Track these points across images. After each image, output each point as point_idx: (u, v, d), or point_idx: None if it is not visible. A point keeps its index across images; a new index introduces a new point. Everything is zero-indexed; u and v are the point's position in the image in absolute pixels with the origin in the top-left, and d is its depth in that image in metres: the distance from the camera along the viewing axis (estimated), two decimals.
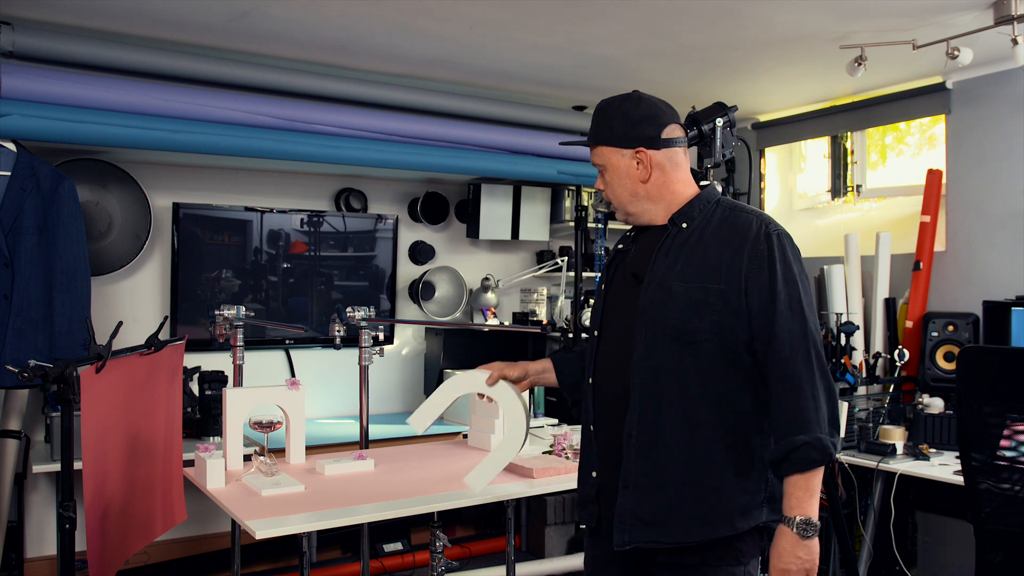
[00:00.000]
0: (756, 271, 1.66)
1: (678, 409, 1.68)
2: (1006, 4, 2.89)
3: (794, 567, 1.60)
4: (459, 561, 4.05)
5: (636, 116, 1.77)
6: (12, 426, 3.29)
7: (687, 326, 1.67)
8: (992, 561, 2.24)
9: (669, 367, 1.69)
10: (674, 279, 1.70)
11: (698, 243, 1.73)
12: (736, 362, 1.68)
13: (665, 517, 1.68)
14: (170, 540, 3.71)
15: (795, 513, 1.61)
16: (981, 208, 3.76)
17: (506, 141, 4.15)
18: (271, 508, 2.16)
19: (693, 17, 3.08)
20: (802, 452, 1.58)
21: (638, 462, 1.70)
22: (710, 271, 1.68)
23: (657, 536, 1.68)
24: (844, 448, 3.47)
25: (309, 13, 3.04)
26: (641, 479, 1.69)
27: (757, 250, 1.67)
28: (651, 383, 1.70)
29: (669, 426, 1.68)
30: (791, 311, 1.64)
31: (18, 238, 3.08)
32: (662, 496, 1.68)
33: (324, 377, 4.27)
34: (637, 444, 1.70)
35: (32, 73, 3.08)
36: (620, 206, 1.82)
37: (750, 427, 1.71)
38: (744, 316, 1.66)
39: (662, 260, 1.74)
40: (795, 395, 1.61)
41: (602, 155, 1.80)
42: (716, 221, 1.74)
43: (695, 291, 1.68)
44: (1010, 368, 2.25)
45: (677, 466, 1.68)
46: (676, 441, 1.68)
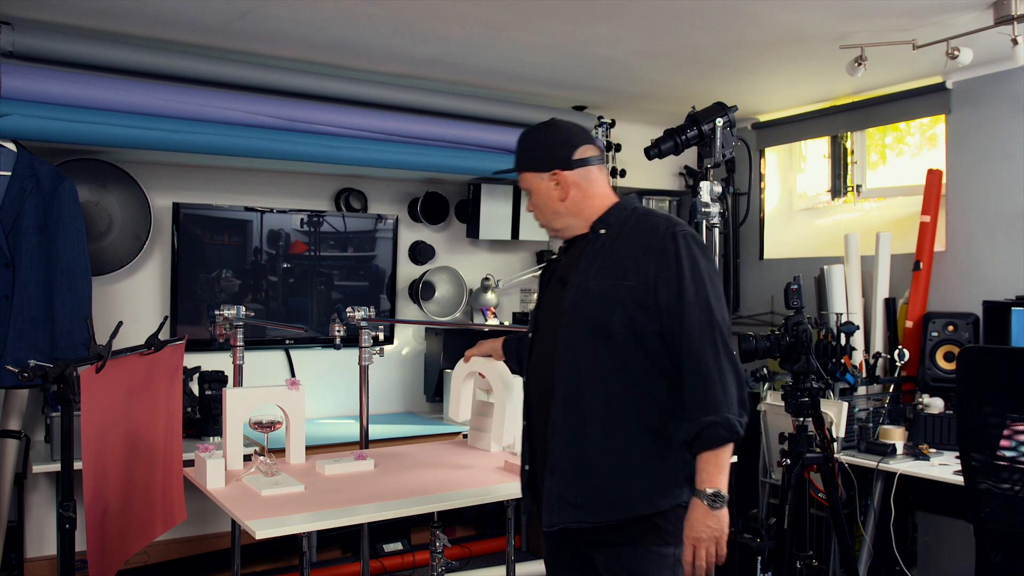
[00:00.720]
0: (664, 269, 1.81)
1: (598, 398, 1.83)
2: (1006, 4, 2.89)
3: (705, 535, 1.75)
4: (459, 561, 4.06)
5: (551, 142, 1.97)
6: (12, 426, 3.29)
7: (601, 320, 1.83)
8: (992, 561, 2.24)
9: (588, 360, 1.84)
10: (591, 279, 1.87)
11: (614, 246, 1.90)
12: (649, 352, 1.82)
13: (589, 500, 1.83)
14: (170, 540, 3.71)
15: (705, 486, 1.76)
16: (981, 208, 3.76)
17: (506, 141, 4.14)
18: (271, 508, 2.16)
19: (693, 17, 3.08)
20: (711, 431, 1.74)
21: (563, 449, 1.85)
22: (622, 270, 1.85)
23: (582, 516, 1.84)
24: (844, 448, 3.47)
25: (309, 13, 3.04)
26: (566, 465, 1.85)
27: (664, 249, 1.82)
28: (572, 376, 1.85)
29: (590, 415, 1.83)
30: (697, 304, 1.79)
31: (18, 238, 3.08)
32: (586, 480, 1.83)
33: (324, 377, 4.27)
34: (562, 433, 1.85)
35: (32, 73, 3.08)
36: (546, 223, 2.01)
37: (666, 412, 1.84)
38: (654, 310, 1.80)
39: (585, 264, 1.91)
40: (704, 380, 1.76)
41: (526, 180, 2.00)
42: (630, 226, 1.92)
43: (608, 288, 1.84)
44: (1010, 368, 2.25)
45: (599, 451, 1.83)
46: (597, 428, 1.83)
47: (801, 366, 2.89)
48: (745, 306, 4.82)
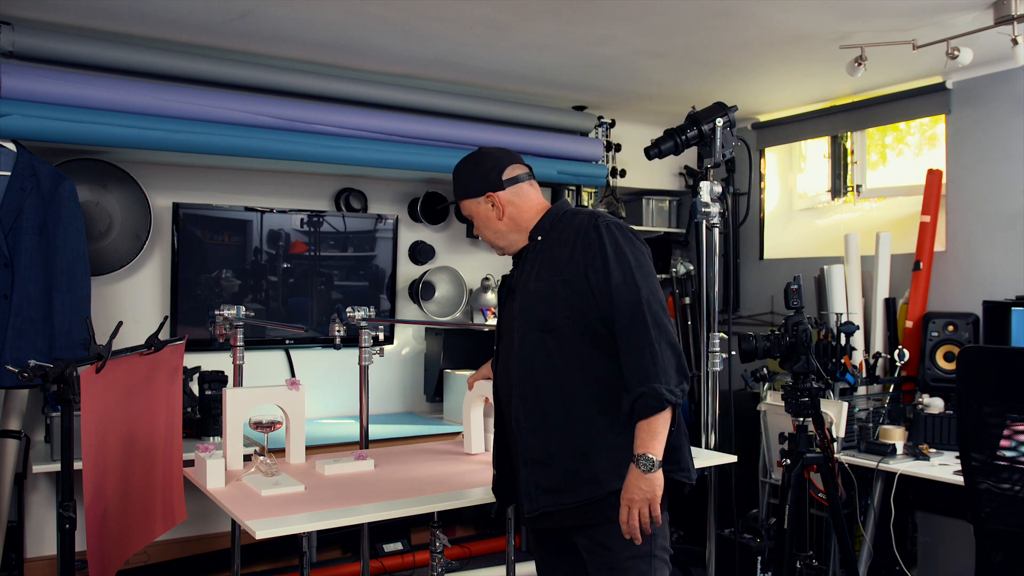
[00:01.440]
0: (591, 258, 1.94)
1: (554, 389, 1.96)
2: (1006, 4, 2.89)
3: (637, 496, 1.87)
4: (459, 561, 4.06)
5: (481, 168, 2.14)
6: (12, 426, 3.29)
7: (545, 316, 1.97)
8: (992, 561, 2.24)
9: (539, 354, 1.98)
10: (533, 282, 2.01)
11: (550, 248, 2.04)
12: (595, 338, 1.94)
13: (560, 483, 1.95)
14: (170, 540, 3.71)
15: (638, 451, 1.87)
16: (981, 208, 3.76)
17: (506, 141, 4.14)
18: (271, 508, 2.16)
19: (693, 17, 3.08)
20: (643, 401, 1.86)
21: (530, 440, 1.98)
22: (558, 267, 1.99)
23: (557, 499, 1.96)
24: (844, 448, 3.47)
25: (309, 13, 3.04)
26: (535, 454, 1.98)
27: (588, 240, 1.96)
28: (528, 372, 1.99)
29: (548, 404, 1.97)
30: (625, 284, 1.91)
31: (18, 238, 3.08)
32: (555, 465, 1.96)
33: (324, 377, 4.27)
34: (526, 425, 1.98)
35: (32, 73, 3.08)
36: (492, 243, 2.16)
37: (616, 391, 1.94)
38: (590, 297, 1.94)
39: (527, 270, 2.06)
40: (636, 354, 1.88)
41: (466, 207, 2.17)
42: (560, 227, 2.06)
43: (547, 287, 1.98)
44: (1010, 368, 2.24)
45: (562, 437, 1.96)
46: (557, 416, 1.96)
47: (801, 366, 2.89)
48: (745, 306, 4.83)
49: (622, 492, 1.90)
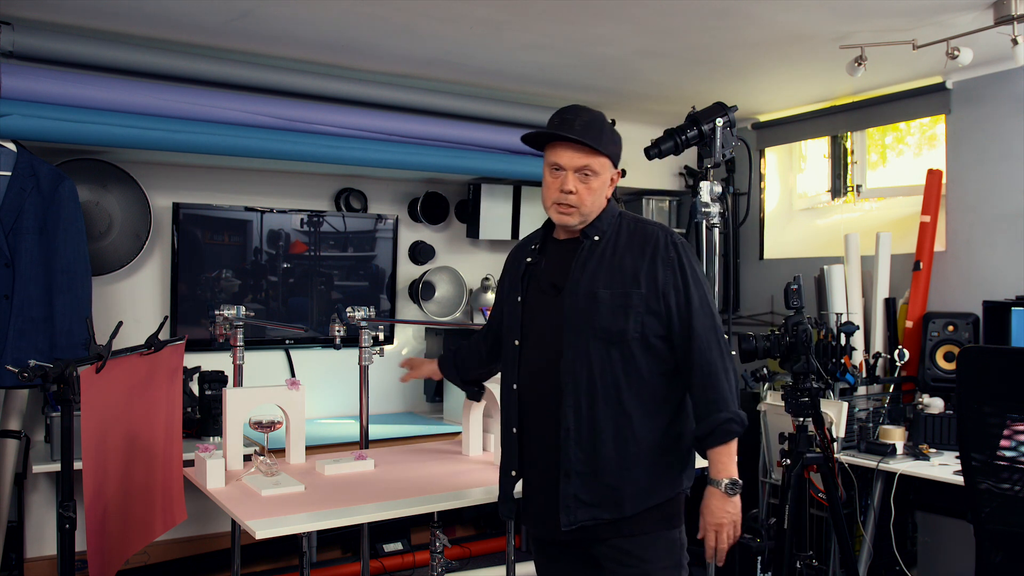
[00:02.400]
0: (670, 276, 1.91)
1: (611, 404, 1.90)
2: (1006, 4, 2.89)
3: (725, 520, 1.88)
4: (459, 561, 4.06)
5: (618, 139, 2.02)
6: (12, 426, 3.29)
7: (614, 327, 1.90)
8: (992, 561, 2.24)
9: (601, 367, 1.90)
10: (599, 286, 1.92)
11: (614, 254, 1.96)
12: (655, 355, 1.92)
13: (602, 498, 1.91)
14: (170, 540, 3.71)
15: (722, 476, 1.88)
16: (981, 208, 3.76)
17: (506, 141, 4.15)
18: (271, 508, 2.16)
19: (693, 17, 3.08)
20: (726, 427, 1.87)
21: (577, 453, 1.91)
22: (630, 278, 1.92)
23: (596, 514, 1.91)
24: (844, 448, 3.47)
25: (309, 13, 3.04)
26: (580, 467, 1.91)
27: (668, 257, 1.93)
28: (585, 383, 1.90)
29: (603, 419, 1.90)
30: (703, 309, 1.92)
31: (18, 238, 3.08)
32: (598, 480, 1.91)
33: (324, 377, 4.27)
34: (575, 438, 1.91)
35: (32, 73, 3.08)
36: (586, 213, 1.98)
37: (668, 409, 1.95)
38: (662, 316, 1.91)
39: (580, 270, 1.95)
40: (714, 380, 1.89)
41: (600, 163, 1.97)
42: (625, 233, 1.99)
43: (618, 296, 1.90)
44: (1010, 368, 2.24)
45: (611, 452, 1.90)
46: (609, 430, 1.90)
47: (801, 366, 2.89)
48: (745, 306, 4.82)
49: (706, 517, 1.90)
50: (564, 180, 1.95)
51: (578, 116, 1.96)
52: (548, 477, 1.96)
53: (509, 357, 2.05)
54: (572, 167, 1.95)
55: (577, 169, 1.95)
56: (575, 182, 1.95)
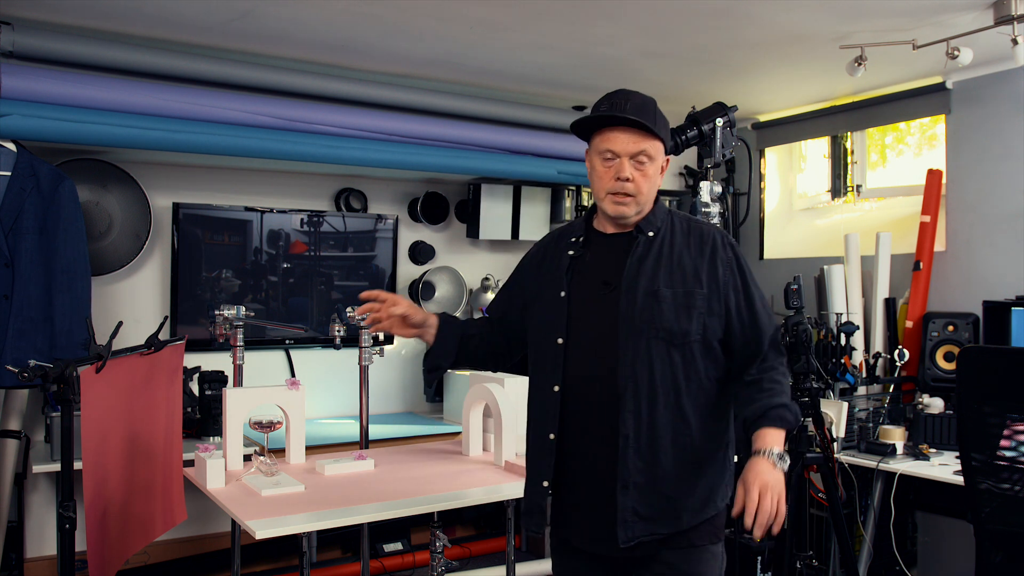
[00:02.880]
0: (730, 277, 1.84)
1: (670, 408, 1.79)
2: (1006, 4, 2.89)
3: (772, 482, 1.68)
4: (459, 561, 4.05)
5: (667, 123, 1.89)
6: (12, 426, 3.29)
7: (677, 328, 1.79)
8: (992, 561, 2.24)
9: (662, 369, 1.78)
10: (659, 285, 1.80)
11: (671, 251, 1.85)
12: (714, 359, 1.83)
13: (659, 511, 1.78)
14: (170, 540, 3.71)
15: (770, 446, 1.73)
16: (981, 208, 3.76)
17: (506, 141, 4.14)
18: (271, 508, 2.16)
19: (693, 17, 3.08)
20: (780, 412, 1.77)
21: (635, 462, 1.77)
22: (691, 277, 1.82)
23: (654, 528, 1.78)
24: (844, 448, 3.47)
25: (309, 13, 3.04)
26: (638, 478, 1.77)
27: (727, 258, 1.85)
28: (646, 386, 1.78)
29: (663, 425, 1.78)
30: (764, 309, 1.86)
31: (18, 238, 3.08)
32: (656, 491, 1.78)
33: (324, 377, 4.27)
34: (634, 446, 1.77)
35: (32, 73, 3.08)
36: (643, 203, 1.86)
37: (723, 417, 1.87)
38: (722, 317, 1.82)
39: (636, 267, 1.83)
40: (774, 373, 1.82)
41: (655, 147, 1.83)
42: (679, 231, 1.88)
43: (680, 296, 1.80)
44: (1010, 368, 2.24)
45: (669, 461, 1.78)
46: (668, 437, 1.79)
47: (801, 366, 2.89)
48: None
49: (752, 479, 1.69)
50: (619, 167, 1.81)
51: (628, 99, 1.82)
52: (599, 489, 1.80)
53: (547, 356, 1.87)
54: (627, 153, 1.81)
55: (632, 155, 1.81)
56: (631, 169, 1.81)
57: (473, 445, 2.87)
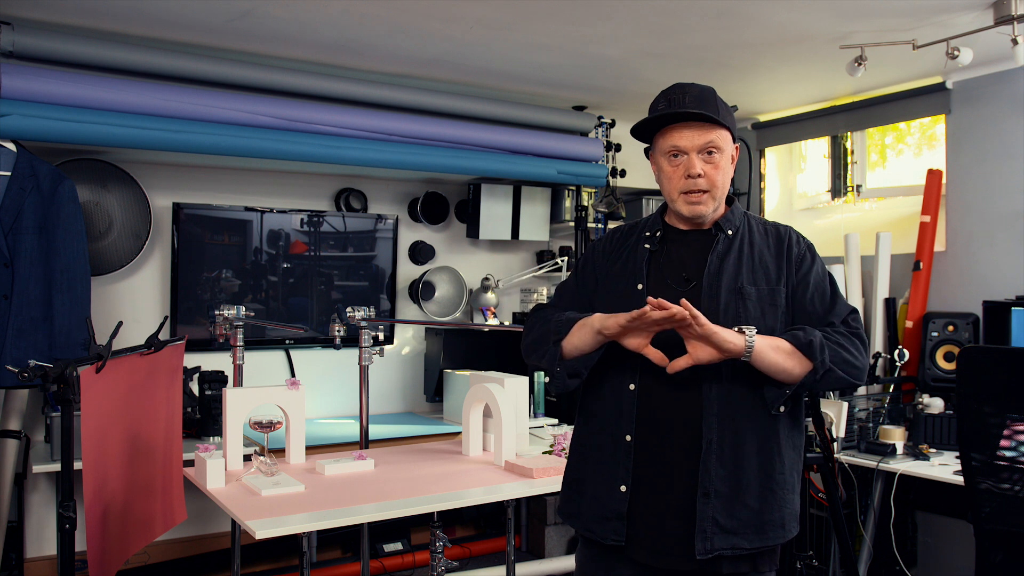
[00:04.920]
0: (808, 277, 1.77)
1: (752, 411, 1.70)
2: (1006, 4, 2.89)
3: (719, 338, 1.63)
4: (459, 561, 4.05)
5: (732, 112, 1.82)
6: (12, 426, 3.29)
7: (764, 326, 1.71)
8: (992, 561, 2.24)
9: (743, 374, 1.69)
10: (743, 282, 1.74)
11: (751, 249, 1.79)
12: None
13: (742, 523, 1.68)
14: (170, 540, 3.71)
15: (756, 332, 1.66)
16: (981, 208, 3.76)
17: (506, 141, 4.14)
18: (271, 508, 2.16)
19: (693, 17, 3.08)
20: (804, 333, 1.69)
21: (717, 469, 1.68)
22: (773, 275, 1.77)
23: (736, 542, 1.67)
24: (844, 448, 3.47)
25: (309, 13, 3.04)
26: (721, 486, 1.67)
27: (803, 256, 1.79)
28: (728, 391, 1.69)
29: (747, 432, 1.69)
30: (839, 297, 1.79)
31: (18, 238, 3.08)
32: (739, 502, 1.68)
33: (324, 377, 4.27)
34: (718, 452, 1.68)
35: (32, 73, 3.08)
36: (719, 196, 1.79)
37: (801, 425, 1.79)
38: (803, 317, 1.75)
39: (718, 264, 1.76)
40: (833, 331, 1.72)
41: (723, 138, 1.77)
42: (756, 230, 1.83)
43: (765, 294, 1.74)
44: (1010, 368, 2.24)
45: (754, 471, 1.69)
46: (753, 445, 1.69)
47: None
48: None
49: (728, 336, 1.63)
50: (689, 164, 1.74)
51: (686, 92, 1.75)
52: (674, 496, 1.70)
53: (623, 353, 1.74)
54: (694, 147, 1.74)
55: (700, 149, 1.74)
56: (701, 164, 1.74)
57: (473, 445, 2.87)
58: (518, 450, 2.76)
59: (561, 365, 1.79)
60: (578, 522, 1.82)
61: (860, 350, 1.72)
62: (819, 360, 1.66)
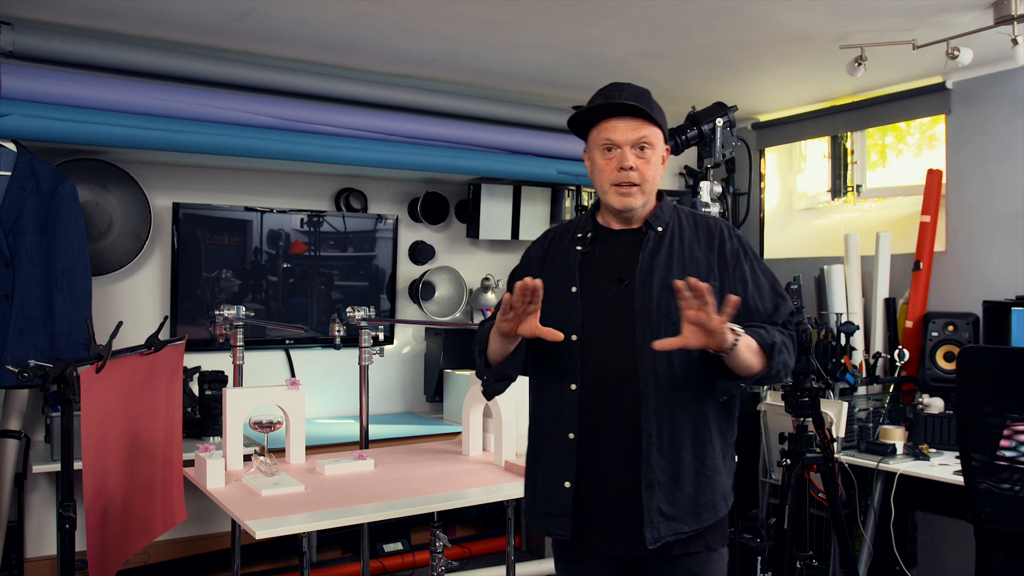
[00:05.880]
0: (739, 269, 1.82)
1: (688, 404, 1.76)
2: (1006, 4, 2.89)
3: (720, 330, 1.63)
4: (459, 561, 4.05)
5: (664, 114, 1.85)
6: (12, 426, 3.29)
7: None
8: (992, 561, 2.24)
9: (682, 365, 1.75)
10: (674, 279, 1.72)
11: (681, 245, 1.82)
12: None
13: (680, 509, 1.76)
14: (170, 540, 3.71)
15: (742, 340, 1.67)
16: (981, 208, 3.76)
17: (506, 141, 4.14)
18: (271, 508, 2.16)
19: (693, 17, 3.08)
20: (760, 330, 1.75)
21: (658, 461, 1.74)
22: (704, 270, 1.79)
23: (678, 527, 1.75)
24: (844, 448, 3.47)
25: (309, 13, 3.04)
26: (662, 477, 1.74)
27: (735, 249, 1.83)
28: (666, 384, 1.75)
29: (683, 422, 1.76)
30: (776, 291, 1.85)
31: (18, 238, 3.08)
32: (679, 490, 1.76)
33: (324, 377, 4.27)
34: (657, 444, 1.74)
35: (32, 73, 3.08)
36: (649, 192, 1.82)
37: (732, 413, 1.86)
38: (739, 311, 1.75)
39: (648, 261, 1.79)
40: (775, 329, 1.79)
41: (656, 135, 1.81)
42: (687, 225, 1.86)
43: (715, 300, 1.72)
44: (1010, 368, 2.24)
45: (689, 459, 1.76)
46: (687, 435, 1.76)
47: (801, 366, 2.89)
48: None
49: None
50: (621, 157, 1.78)
51: (623, 89, 1.81)
52: (621, 489, 1.76)
53: (561, 354, 1.80)
54: (628, 141, 1.78)
55: (633, 144, 1.78)
56: (633, 158, 1.78)
57: (473, 445, 2.87)
58: (518, 450, 2.76)
59: (488, 372, 1.87)
60: (532, 520, 1.90)
61: (793, 351, 1.82)
62: (774, 361, 1.74)
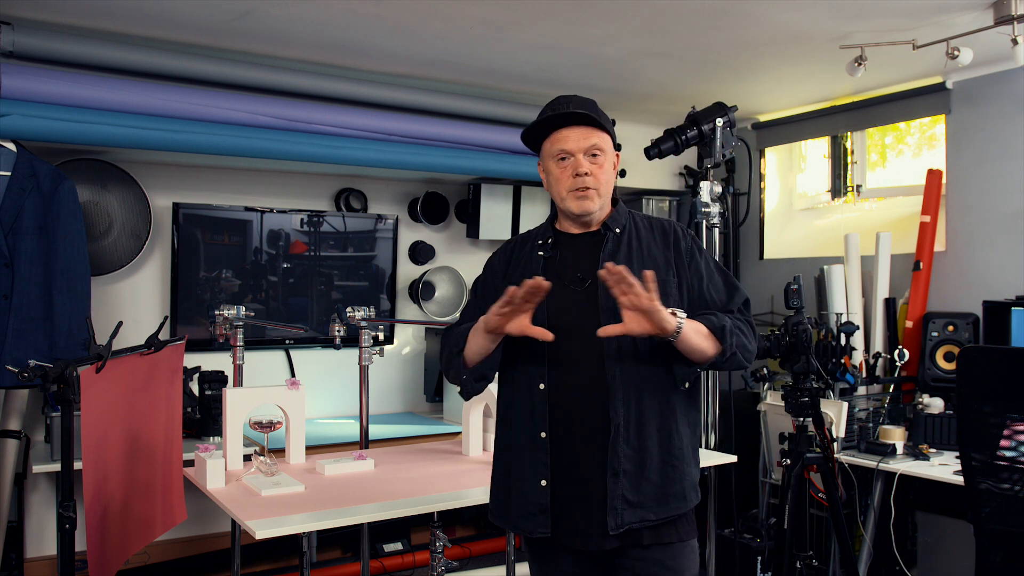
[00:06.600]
0: (695, 265, 1.92)
1: (653, 394, 1.84)
2: (1006, 4, 2.89)
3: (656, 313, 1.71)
4: (459, 561, 4.05)
5: (611, 122, 1.94)
6: (12, 426, 3.29)
7: None
8: (992, 561, 2.24)
9: (645, 357, 1.83)
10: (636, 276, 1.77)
11: (639, 244, 1.91)
12: None
13: (646, 496, 1.82)
14: (170, 540, 3.71)
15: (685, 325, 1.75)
16: (981, 208, 3.76)
17: (506, 141, 4.15)
18: (271, 508, 2.16)
19: (693, 17, 3.08)
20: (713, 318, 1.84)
21: (624, 450, 1.81)
22: (663, 267, 1.89)
23: (644, 515, 1.81)
24: (844, 448, 3.47)
25: (309, 13, 3.04)
26: (628, 465, 1.81)
27: (689, 248, 1.93)
28: (631, 374, 1.82)
29: (649, 414, 1.83)
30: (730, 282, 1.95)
31: (18, 238, 3.08)
32: (645, 478, 1.82)
33: (324, 377, 4.27)
34: (624, 433, 1.81)
35: (32, 73, 3.08)
36: (602, 194, 1.90)
37: (697, 405, 1.95)
38: (695, 304, 1.88)
39: (610, 260, 1.83)
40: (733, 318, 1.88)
41: (606, 141, 1.90)
42: (643, 226, 1.96)
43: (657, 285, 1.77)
44: (1010, 368, 2.24)
45: (655, 448, 1.83)
46: (654, 425, 1.84)
47: (801, 366, 2.89)
48: None
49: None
50: (575, 164, 1.87)
51: (570, 100, 1.90)
52: (590, 481, 1.82)
53: (529, 355, 1.86)
54: (580, 149, 1.86)
55: (585, 151, 1.87)
56: (587, 164, 1.86)
57: (473, 445, 2.87)
58: None
59: (467, 372, 1.91)
60: (507, 520, 1.93)
61: (752, 337, 1.91)
62: (727, 343, 1.81)
